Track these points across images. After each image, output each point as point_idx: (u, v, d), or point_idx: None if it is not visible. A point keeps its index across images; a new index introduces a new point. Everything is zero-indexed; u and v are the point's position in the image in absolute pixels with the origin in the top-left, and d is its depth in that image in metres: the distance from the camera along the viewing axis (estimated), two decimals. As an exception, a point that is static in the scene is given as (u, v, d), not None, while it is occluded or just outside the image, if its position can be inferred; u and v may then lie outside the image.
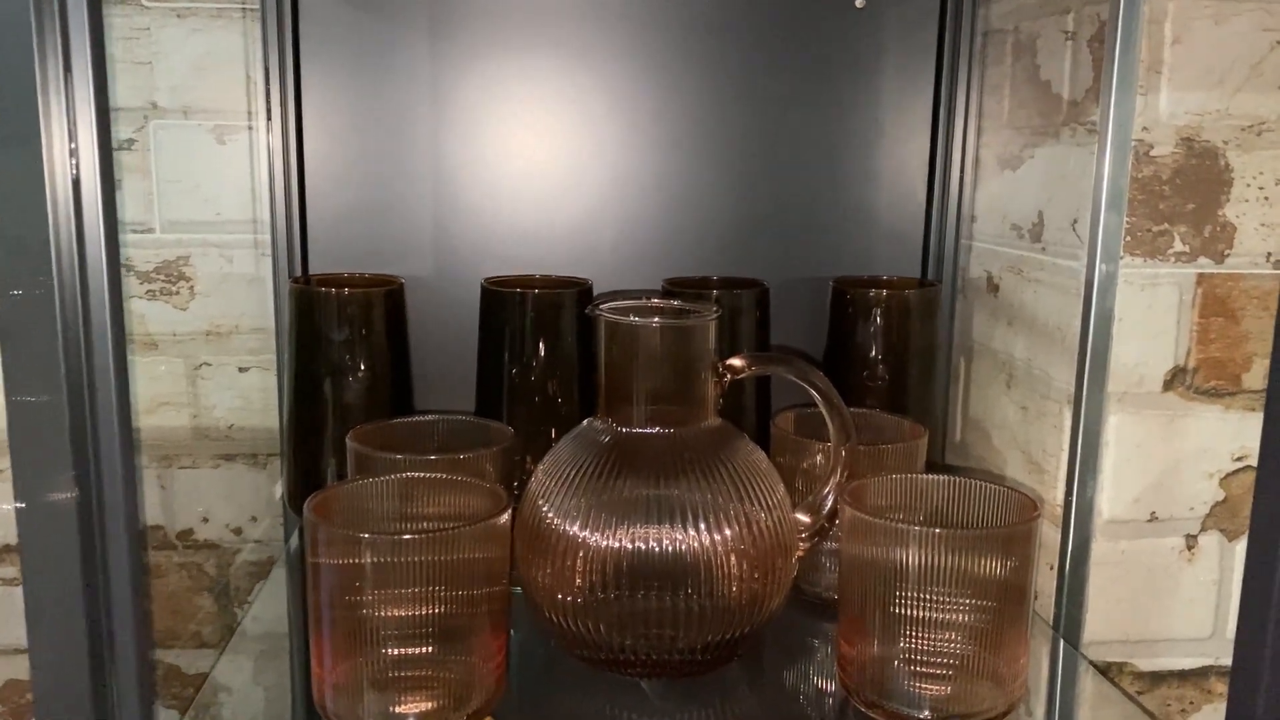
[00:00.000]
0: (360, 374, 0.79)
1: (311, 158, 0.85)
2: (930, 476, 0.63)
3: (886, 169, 0.89)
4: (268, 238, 0.85)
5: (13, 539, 0.86)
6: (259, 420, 0.89)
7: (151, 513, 0.90)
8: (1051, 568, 0.75)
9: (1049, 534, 0.76)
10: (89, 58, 0.39)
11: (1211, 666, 0.76)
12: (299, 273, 0.86)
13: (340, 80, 0.84)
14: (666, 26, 0.86)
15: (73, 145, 0.40)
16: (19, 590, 0.85)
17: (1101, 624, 0.74)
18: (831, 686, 0.64)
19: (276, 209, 0.84)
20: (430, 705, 0.56)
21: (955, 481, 0.62)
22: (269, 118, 0.83)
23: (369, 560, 0.53)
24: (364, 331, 0.79)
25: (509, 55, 0.85)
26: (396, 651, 0.55)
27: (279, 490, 0.90)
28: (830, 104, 0.88)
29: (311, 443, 0.80)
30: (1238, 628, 0.55)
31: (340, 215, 0.86)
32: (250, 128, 0.84)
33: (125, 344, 0.43)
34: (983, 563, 0.56)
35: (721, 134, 0.88)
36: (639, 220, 0.88)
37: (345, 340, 0.78)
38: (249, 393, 0.89)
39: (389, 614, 0.55)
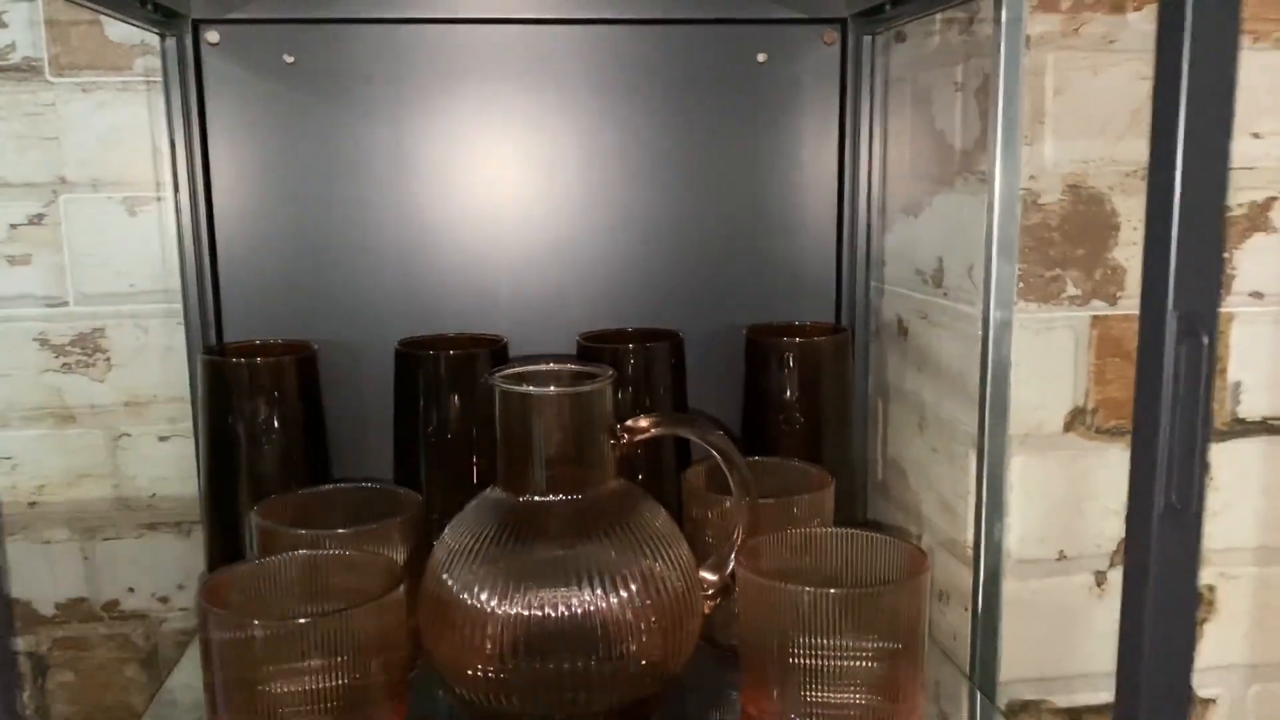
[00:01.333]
0: (274, 441, 0.79)
1: (222, 226, 0.85)
2: (829, 531, 0.64)
3: (797, 218, 0.90)
4: (179, 307, 0.85)
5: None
6: (181, 489, 0.89)
7: (75, 585, 0.90)
8: (965, 609, 0.76)
9: (962, 575, 0.77)
10: None
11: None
12: (214, 341, 0.86)
13: (247, 148, 0.84)
14: (580, 90, 0.87)
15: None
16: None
17: (1017, 663, 0.75)
18: (741, 742, 0.65)
19: (189, 278, 0.84)
20: (332, 785, 0.56)
21: (849, 535, 0.63)
22: (176, 189, 0.83)
23: (261, 641, 0.53)
24: (277, 398, 0.79)
25: (416, 119, 0.86)
26: (293, 730, 0.55)
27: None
28: (740, 156, 0.89)
29: (228, 512, 0.80)
30: (1118, 664, 0.55)
31: (253, 282, 0.86)
32: (159, 198, 0.84)
33: None
34: (875, 617, 0.57)
35: (634, 190, 0.89)
36: (555, 277, 0.89)
37: (257, 409, 0.79)
38: (170, 461, 0.88)
39: (285, 691, 0.55)
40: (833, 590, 0.56)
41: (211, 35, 0.82)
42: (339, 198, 0.86)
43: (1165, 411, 0.47)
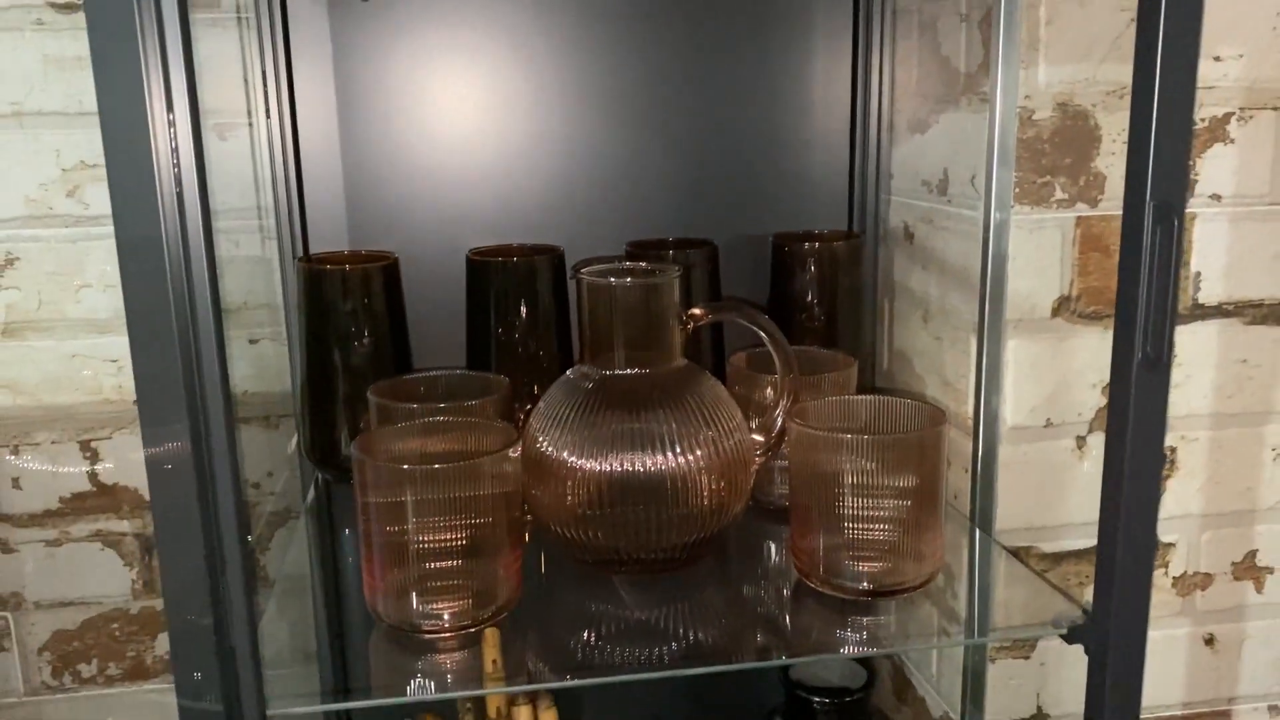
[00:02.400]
0: (363, 339, 0.90)
1: (306, 149, 0.95)
2: (859, 397, 0.76)
3: (814, 136, 1.02)
4: (271, 222, 0.95)
5: (55, 503, 0.96)
6: (268, 386, 1.00)
7: (176, 474, 1.01)
8: (966, 470, 0.89)
9: (962, 442, 0.90)
10: (184, 66, 0.50)
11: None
12: (301, 253, 0.96)
13: (328, 78, 0.94)
14: (619, 17, 0.97)
15: (175, 160, 0.51)
16: (63, 550, 0.96)
17: (1010, 515, 0.88)
18: (791, 571, 0.77)
19: (279, 195, 0.94)
20: (461, 606, 0.68)
21: (879, 400, 0.75)
22: (268, 115, 0.92)
23: (408, 488, 0.65)
24: (365, 301, 0.90)
25: (474, 49, 0.96)
26: (432, 564, 0.67)
27: (292, 447, 1.01)
28: (762, 80, 1.00)
29: (323, 402, 0.91)
30: (1099, 516, 0.67)
31: (334, 199, 0.96)
32: (250, 124, 0.94)
33: (222, 319, 0.54)
34: (902, 461, 0.69)
35: (668, 113, 0.99)
36: (600, 190, 1.00)
37: (349, 311, 0.89)
38: (260, 361, 0.99)
39: (425, 534, 0.66)
40: (868, 436, 0.69)
41: (295, -26, 0.91)
42: (411, 122, 0.96)
43: (1144, 280, 0.59)
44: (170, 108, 0.51)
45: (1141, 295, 0.59)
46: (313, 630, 0.76)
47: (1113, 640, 0.64)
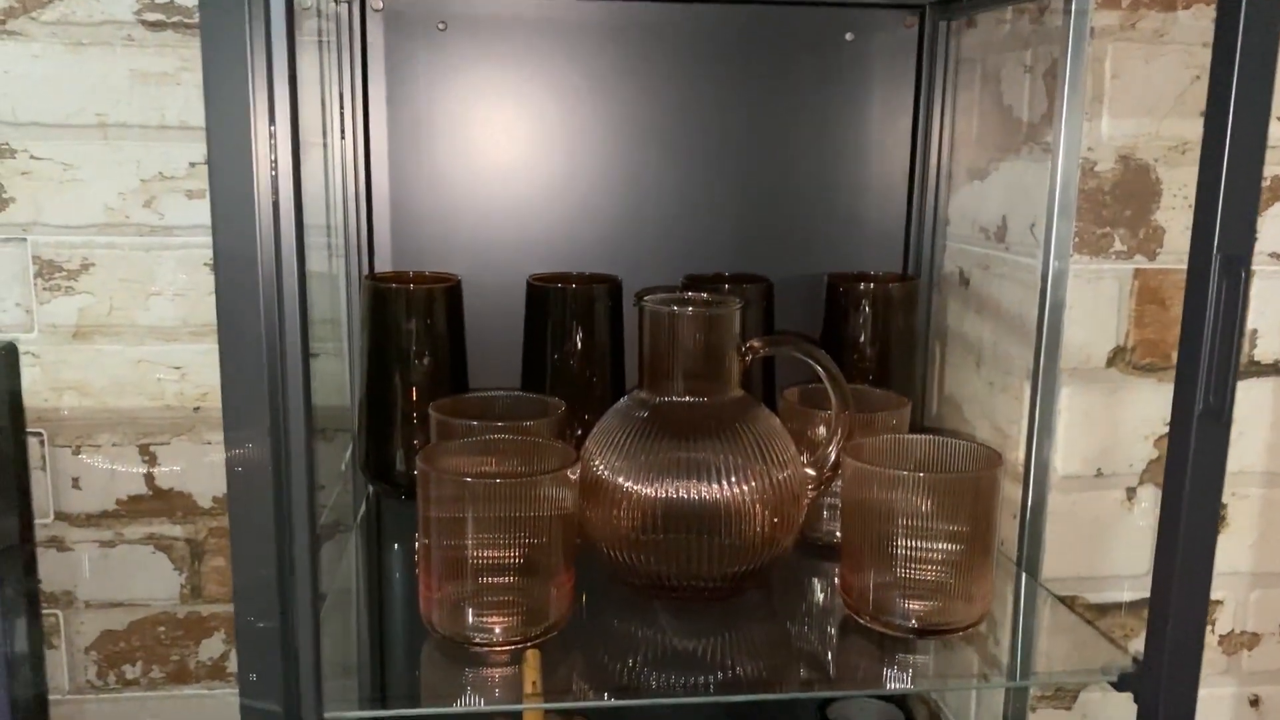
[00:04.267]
0: (424, 357, 0.92)
1: (376, 170, 0.97)
2: (914, 436, 0.77)
3: (873, 179, 1.03)
4: (339, 240, 0.97)
5: (111, 505, 0.98)
6: (326, 400, 1.02)
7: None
8: (1014, 517, 0.89)
9: (1012, 489, 0.90)
10: (288, 84, 0.53)
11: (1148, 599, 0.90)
12: (366, 270, 0.98)
13: (401, 103, 0.97)
14: (689, 63, 1.00)
15: (273, 171, 0.53)
16: (115, 551, 0.98)
17: (1057, 564, 0.88)
18: (836, 606, 0.78)
19: (348, 214, 0.97)
20: (513, 621, 0.69)
21: (934, 440, 0.76)
22: (343, 135, 0.95)
23: (470, 501, 0.66)
24: (428, 321, 0.92)
25: (544, 81, 0.99)
26: (488, 579, 0.68)
27: (345, 461, 1.02)
28: (824, 124, 1.02)
29: (381, 416, 0.93)
30: (1154, 563, 0.68)
31: (401, 221, 0.99)
32: (324, 144, 0.97)
33: (308, 334, 0.56)
34: (957, 501, 0.70)
35: (731, 152, 1.01)
36: (660, 225, 1.02)
37: (411, 329, 0.91)
38: (320, 376, 1.01)
39: (483, 549, 0.67)
40: (923, 474, 0.70)
41: (376, 2, 0.94)
42: (478, 149, 0.99)
43: (1207, 332, 0.60)
44: (272, 121, 0.53)
45: (1205, 347, 0.60)
46: (365, 639, 0.77)
47: (1164, 690, 0.64)
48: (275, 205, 0.53)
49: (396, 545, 0.92)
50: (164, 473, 0.99)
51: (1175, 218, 0.84)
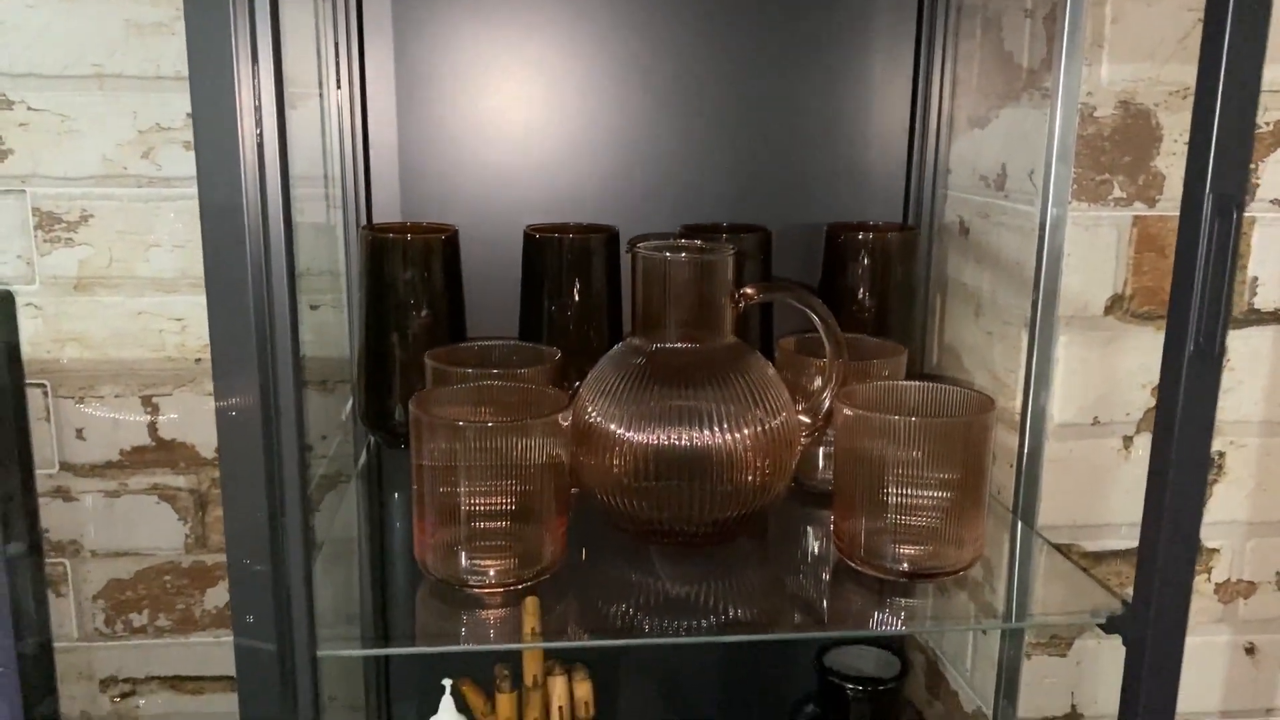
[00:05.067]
0: (422, 309, 0.92)
1: (373, 121, 0.97)
2: (908, 382, 0.77)
3: (873, 128, 1.02)
4: (337, 191, 0.97)
5: (115, 455, 0.99)
6: (326, 351, 1.02)
7: (233, 433, 1.03)
8: (1010, 466, 0.89)
9: (1008, 437, 0.90)
10: (270, 44, 0.53)
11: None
12: (364, 222, 0.98)
13: (397, 54, 0.96)
14: (685, 9, 0.99)
15: (257, 119, 0.53)
16: (120, 502, 0.99)
17: (1053, 512, 0.88)
18: (830, 552, 0.78)
19: (345, 165, 0.97)
20: (507, 564, 0.69)
21: (927, 386, 0.76)
22: (338, 85, 0.95)
23: (461, 444, 0.66)
24: (425, 272, 0.92)
25: (543, 30, 0.98)
26: (481, 522, 0.69)
27: (346, 412, 1.03)
28: (825, 73, 1.01)
29: (380, 368, 0.93)
30: (1144, 504, 0.67)
31: (398, 171, 0.99)
32: (320, 95, 0.96)
33: (296, 287, 0.57)
34: (949, 446, 0.70)
35: (730, 100, 1.01)
36: (657, 175, 1.01)
37: (410, 280, 0.91)
38: (319, 327, 1.01)
39: (476, 492, 0.68)
40: (916, 419, 0.70)
41: (370, -50, 0.94)
42: (477, 100, 0.98)
43: (1199, 271, 0.59)
44: (256, 73, 0.53)
45: (1196, 287, 0.60)
46: (361, 582, 0.78)
47: (1152, 631, 0.64)
48: (260, 152, 0.53)
49: (396, 494, 0.93)
50: (167, 424, 1.00)
51: (1176, 164, 0.83)
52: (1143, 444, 0.88)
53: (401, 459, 0.97)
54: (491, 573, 0.69)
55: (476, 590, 0.69)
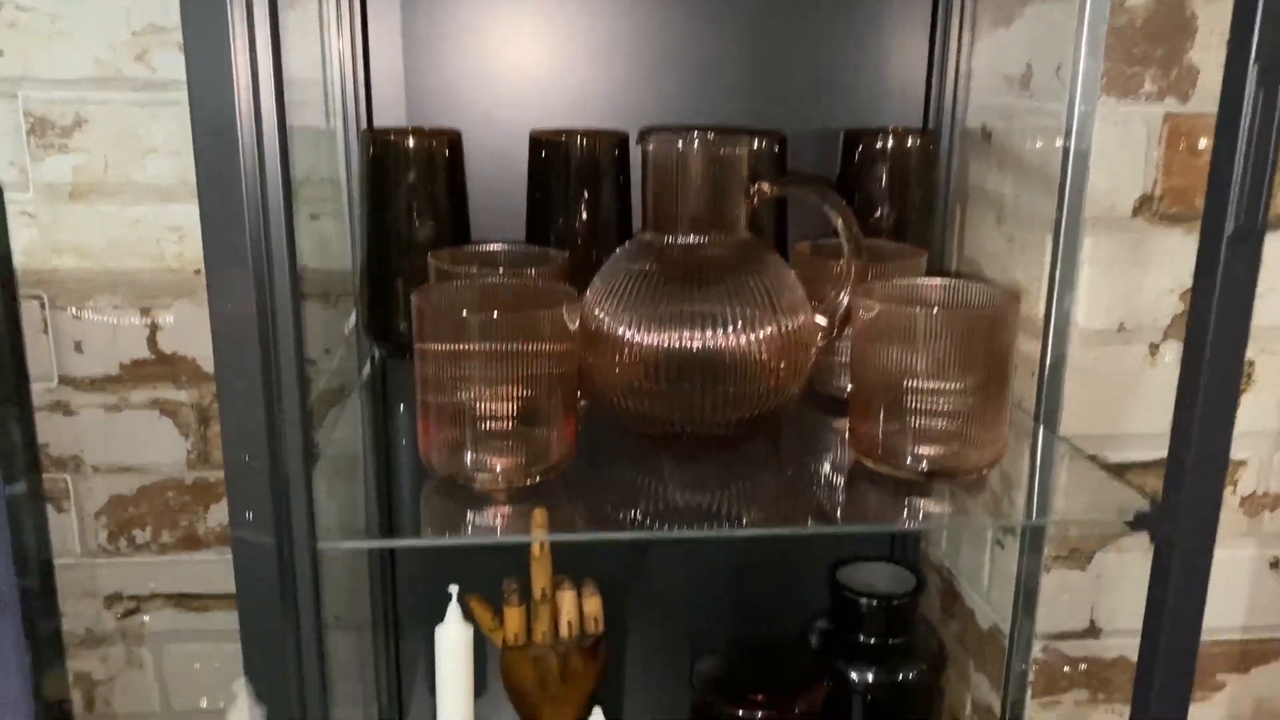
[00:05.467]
0: (425, 215, 0.89)
1: (374, 25, 0.94)
2: (929, 280, 0.74)
3: (892, 30, 0.99)
4: (337, 96, 0.94)
5: (115, 369, 0.97)
6: (327, 263, 1.00)
7: (234, 348, 1.01)
8: (1032, 375, 0.87)
9: (1030, 347, 0.87)
10: None
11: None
12: (365, 127, 0.95)
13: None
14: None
15: (250, 30, 0.51)
16: (121, 417, 0.97)
17: (1076, 422, 0.86)
18: (846, 453, 0.76)
19: (344, 69, 0.93)
20: (514, 461, 0.67)
21: (950, 282, 0.73)
22: (337, -15, 0.91)
23: (466, 337, 0.64)
24: (428, 176, 0.89)
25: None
26: (487, 420, 0.67)
27: (350, 326, 1.01)
28: (841, -31, 0.97)
29: (384, 277, 0.91)
30: (1177, 394, 0.65)
31: (400, 76, 0.95)
32: (318, -4, 0.93)
33: (293, 194, 0.54)
34: (971, 341, 0.67)
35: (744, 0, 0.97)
36: (670, 78, 0.98)
37: (412, 184, 0.88)
38: (320, 239, 0.99)
39: (481, 386, 0.66)
40: (938, 310, 0.67)
41: None
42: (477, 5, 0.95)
43: (1241, 146, 0.56)
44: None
45: (1238, 162, 0.56)
46: (364, 483, 0.76)
47: (1182, 527, 0.62)
48: (253, 54, 0.51)
49: (401, 406, 0.91)
50: (167, 336, 0.97)
51: (1210, 58, 0.79)
52: (1170, 351, 0.85)
53: (406, 372, 0.95)
54: (498, 469, 0.67)
55: (480, 488, 0.67)
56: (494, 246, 0.83)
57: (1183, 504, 0.61)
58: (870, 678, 0.93)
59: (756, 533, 0.64)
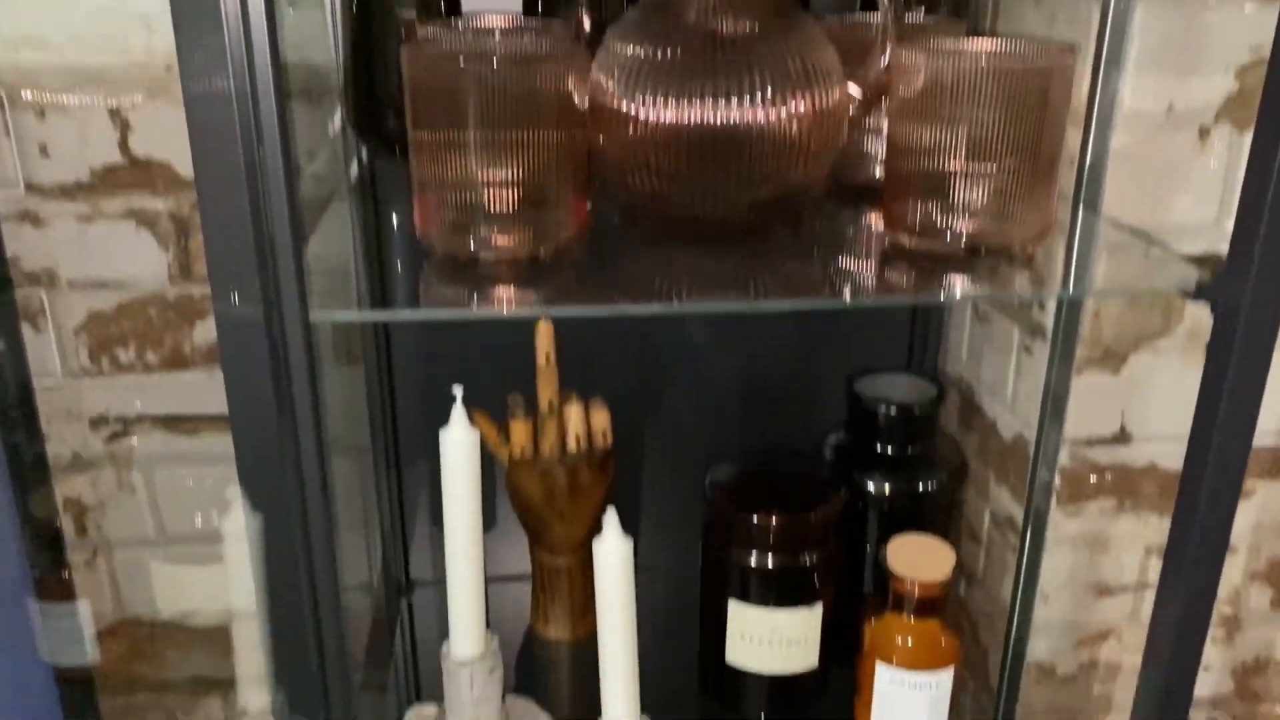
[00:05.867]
0: (413, -8, 0.81)
1: None
2: (979, 39, 0.67)
3: None
4: None
5: (85, 175, 0.91)
6: (310, 57, 0.92)
7: (212, 153, 0.94)
8: (1072, 162, 0.81)
9: (1070, 132, 0.81)
10: None
11: (1212, 254, 0.82)
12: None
13: None
14: None
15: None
16: (95, 228, 0.90)
17: (1118, 210, 0.80)
18: (877, 232, 0.70)
19: None
20: (519, 237, 0.62)
21: (996, 39, 0.66)
22: None
23: (461, 88, 0.57)
24: (416, -52, 0.81)
25: None
26: (488, 184, 0.60)
27: (335, 126, 0.94)
28: None
29: (368, 64, 0.83)
30: (1237, 212, 0.59)
31: None
32: None
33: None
34: (1025, 99, 0.61)
35: None
36: None
37: (398, -42, 0.80)
38: (299, 28, 0.91)
39: (480, 146, 0.59)
40: (986, 61, 0.60)
41: None
42: None
43: None
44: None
45: None
46: (356, 259, 0.71)
47: (1250, 293, 0.57)
48: None
49: (393, 205, 0.85)
50: (140, 139, 0.90)
51: None
52: (1221, 137, 0.79)
53: (397, 169, 0.88)
54: (501, 242, 0.61)
55: (481, 261, 0.61)
56: (491, 19, 0.76)
57: (1254, 267, 0.56)
58: (888, 488, 0.89)
59: (784, 306, 0.59)
